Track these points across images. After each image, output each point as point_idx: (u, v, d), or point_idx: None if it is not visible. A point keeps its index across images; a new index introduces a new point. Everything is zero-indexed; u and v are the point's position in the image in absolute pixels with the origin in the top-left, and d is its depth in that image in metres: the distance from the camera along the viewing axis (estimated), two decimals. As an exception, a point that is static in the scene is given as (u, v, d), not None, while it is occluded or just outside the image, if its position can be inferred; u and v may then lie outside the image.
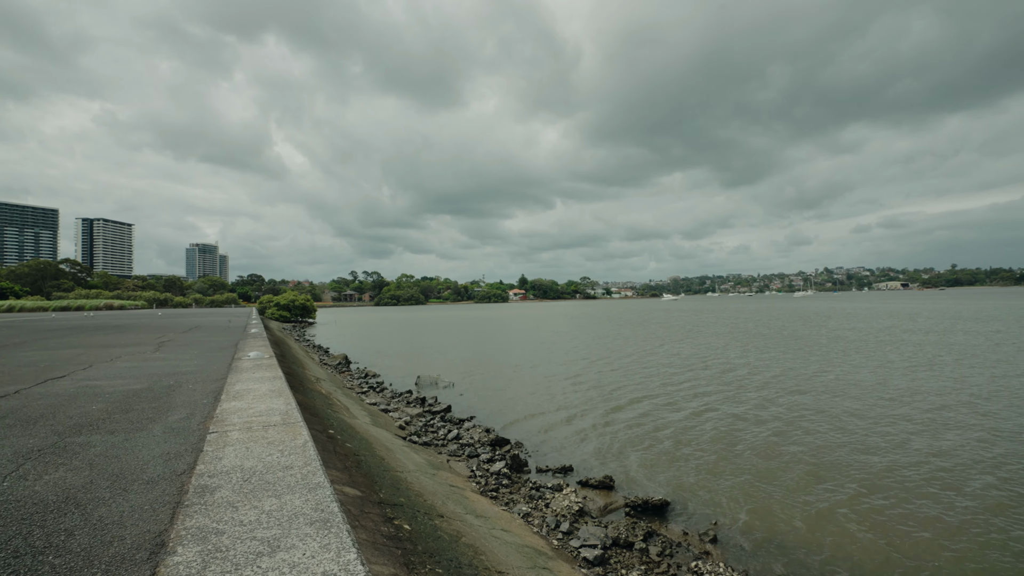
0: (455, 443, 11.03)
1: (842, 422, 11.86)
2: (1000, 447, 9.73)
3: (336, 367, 23.15)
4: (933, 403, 13.30)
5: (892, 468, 8.87)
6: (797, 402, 14.03)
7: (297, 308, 70.54)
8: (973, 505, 7.36)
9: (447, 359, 26.48)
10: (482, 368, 22.82)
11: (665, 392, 16.09)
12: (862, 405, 13.35)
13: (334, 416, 9.64)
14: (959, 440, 10.23)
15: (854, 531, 6.77)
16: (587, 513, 7.53)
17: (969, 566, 5.88)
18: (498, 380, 19.45)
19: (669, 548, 6.47)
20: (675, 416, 13.01)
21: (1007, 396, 13.75)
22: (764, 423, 12.06)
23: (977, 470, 8.66)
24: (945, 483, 8.20)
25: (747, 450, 10.17)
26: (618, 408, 14.10)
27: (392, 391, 17.30)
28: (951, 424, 11.37)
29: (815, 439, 10.68)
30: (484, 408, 14.76)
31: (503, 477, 8.93)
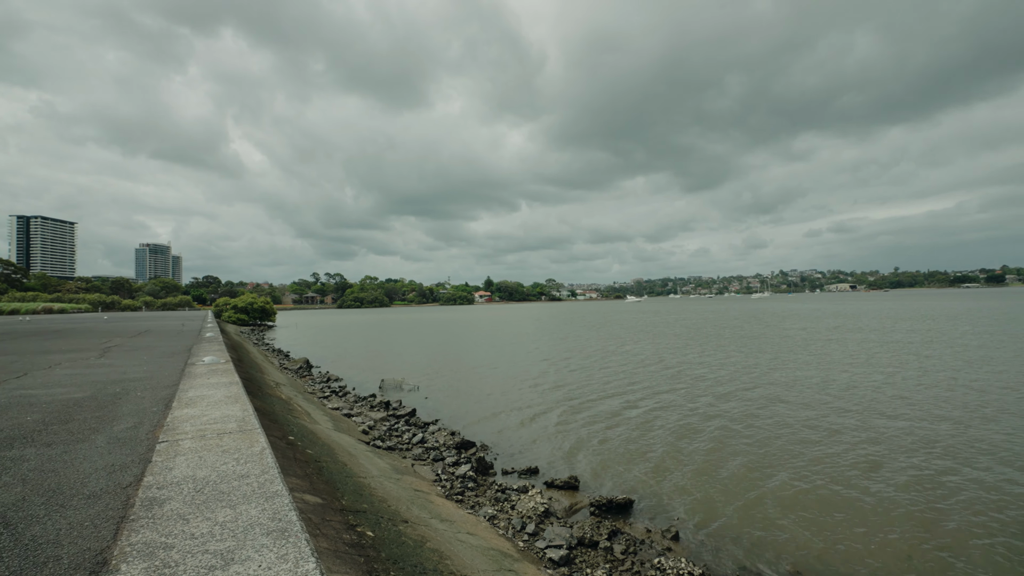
0: (420, 447, 10.89)
1: (793, 418, 12.37)
2: (930, 433, 10.38)
3: (297, 371, 22.48)
4: (872, 396, 14.05)
5: (841, 458, 9.32)
6: (751, 399, 14.55)
7: (256, 311, 68.11)
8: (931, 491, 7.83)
9: (412, 362, 26.15)
10: (447, 370, 22.65)
11: (626, 391, 16.38)
12: (810, 401, 13.96)
13: (294, 422, 9.35)
14: (904, 430, 10.85)
15: (808, 521, 7.07)
16: (553, 514, 7.57)
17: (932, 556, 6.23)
18: (464, 382, 19.34)
19: (633, 546, 6.57)
20: (637, 415, 13.27)
21: (936, 389, 14.68)
22: (721, 420, 12.44)
23: (935, 456, 9.21)
24: (904, 475, 8.67)
25: (706, 447, 10.47)
26: (582, 408, 14.26)
27: (355, 395, 16.93)
28: (891, 415, 12.04)
29: (769, 435, 11.09)
30: (449, 411, 14.64)
31: (469, 480, 8.88)
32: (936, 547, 6.29)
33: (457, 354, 29.52)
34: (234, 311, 66.00)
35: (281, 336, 49.30)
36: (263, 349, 32.50)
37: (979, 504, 7.38)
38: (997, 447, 9.70)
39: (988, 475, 8.41)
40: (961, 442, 10.07)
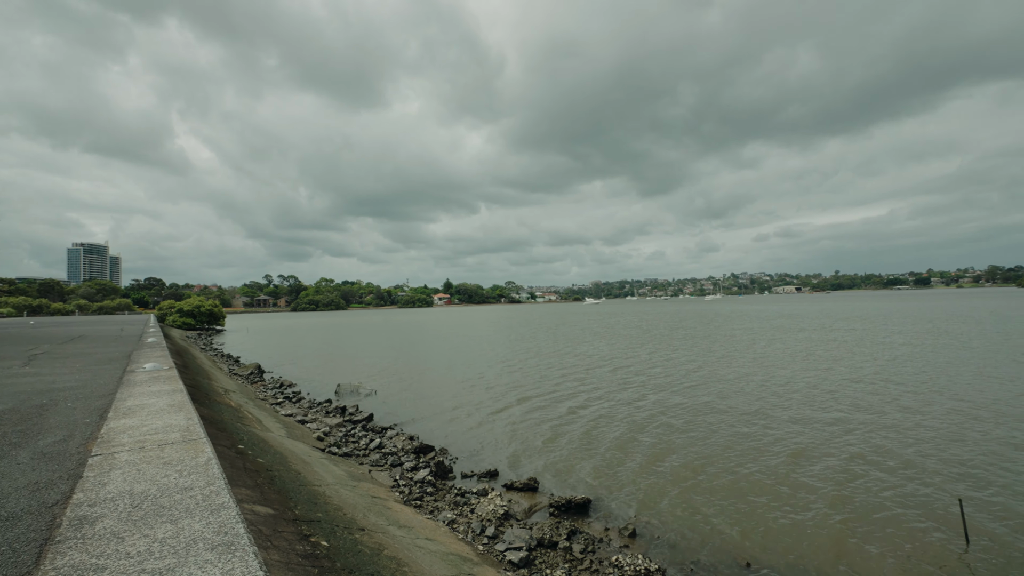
0: (377, 452, 10.66)
1: (739, 414, 12.89)
2: (860, 423, 11.09)
3: (248, 377, 21.56)
4: (808, 392, 14.86)
5: (782, 451, 9.79)
6: (699, 397, 15.06)
7: (203, 315, 64.88)
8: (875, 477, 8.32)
9: (369, 366, 25.59)
10: (406, 374, 22.31)
11: (582, 392, 16.64)
12: (753, 397, 14.60)
13: (245, 430, 8.97)
14: (834, 421, 11.51)
15: (755, 511, 7.37)
16: (512, 516, 7.58)
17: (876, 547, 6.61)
18: (422, 386, 19.10)
19: (592, 545, 6.66)
20: (592, 415, 13.48)
21: (862, 384, 15.69)
22: (673, 418, 12.82)
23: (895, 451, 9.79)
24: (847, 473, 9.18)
25: (659, 444, 10.76)
26: (539, 409, 14.37)
27: (310, 401, 16.40)
28: (824, 409, 12.76)
29: (716, 431, 11.51)
30: (408, 415, 14.42)
31: (427, 485, 8.76)
32: (867, 532, 6.70)
33: (416, 357, 29.13)
34: (180, 315, 62.64)
35: (231, 341, 47.18)
36: (211, 354, 31.01)
37: (900, 486, 7.92)
38: (915, 434, 10.45)
39: (913, 458, 9.05)
40: (891, 430, 10.79)
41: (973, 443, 9.94)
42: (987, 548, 6.19)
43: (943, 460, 9.14)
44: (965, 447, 9.74)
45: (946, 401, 13.39)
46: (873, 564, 5.99)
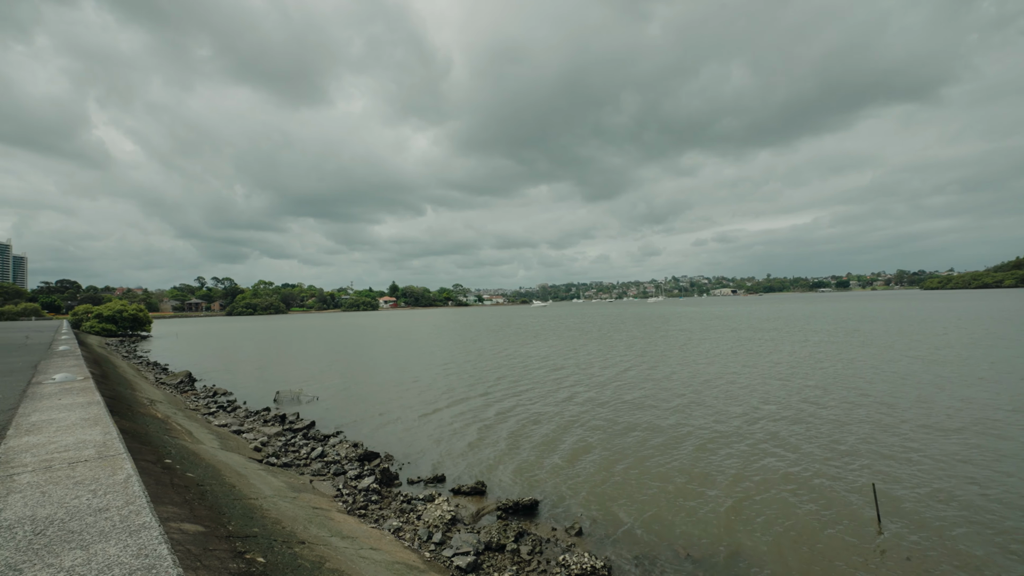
0: (319, 461, 10.27)
1: (673, 409, 13.46)
2: (775, 415, 11.91)
3: (177, 386, 20.15)
4: (735, 387, 15.78)
5: (714, 443, 10.31)
6: (638, 395, 15.61)
7: (126, 320, 59.99)
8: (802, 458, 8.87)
9: (312, 371, 24.61)
10: (350, 379, 21.63)
11: (529, 393, 16.80)
12: (683, 393, 15.31)
13: (173, 443, 8.38)
14: (782, 416, 12.27)
15: (698, 504, 7.71)
16: (460, 521, 7.51)
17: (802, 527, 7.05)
18: (367, 391, 18.59)
19: (539, 545, 6.72)
20: (540, 416, 13.64)
21: (777, 381, 16.86)
22: (614, 416, 13.19)
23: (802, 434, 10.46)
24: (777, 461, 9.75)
25: (602, 442, 11.03)
26: (486, 412, 14.36)
27: (247, 410, 15.55)
28: (752, 403, 13.59)
29: (655, 427, 11.96)
30: (352, 421, 13.98)
31: (372, 493, 8.53)
32: (794, 518, 7.17)
33: (360, 361, 28.32)
34: (98, 320, 57.58)
35: (158, 347, 43.93)
36: (135, 363, 28.75)
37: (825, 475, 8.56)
38: (832, 425, 11.32)
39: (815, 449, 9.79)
40: (811, 422, 11.62)
41: (882, 431, 10.87)
42: (898, 528, 6.78)
43: (858, 448, 9.93)
44: (876, 435, 10.62)
45: (857, 395, 14.56)
46: (804, 548, 6.40)
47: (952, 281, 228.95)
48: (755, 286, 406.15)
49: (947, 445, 9.84)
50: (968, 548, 6.20)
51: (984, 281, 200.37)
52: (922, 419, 11.68)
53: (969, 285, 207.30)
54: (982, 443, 9.85)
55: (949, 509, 7.23)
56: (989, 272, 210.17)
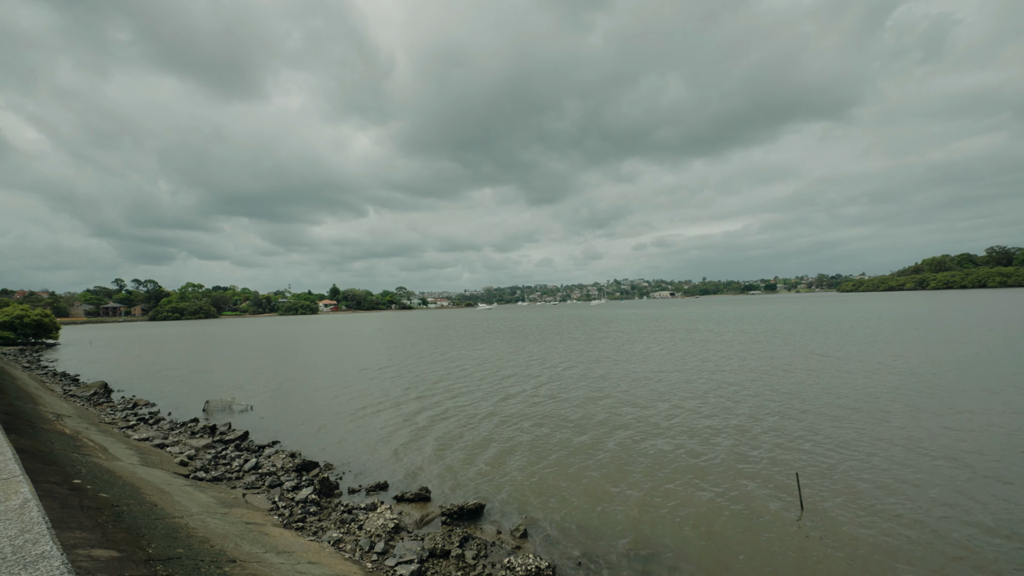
0: (253, 473, 9.75)
1: (609, 408, 13.90)
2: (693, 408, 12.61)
3: (90, 399, 18.47)
4: (668, 386, 16.55)
5: (647, 439, 10.74)
6: (574, 396, 15.99)
7: (27, 326, 54.19)
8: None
9: (245, 379, 23.31)
10: (287, 386, 20.68)
11: (471, 396, 16.80)
12: (618, 391, 15.86)
13: (83, 461, 7.69)
14: (710, 411, 12.92)
15: (636, 499, 7.97)
16: (404, 528, 7.37)
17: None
18: (305, 398, 17.85)
19: (484, 549, 6.71)
20: (482, 419, 13.65)
21: (699, 380, 17.89)
22: (554, 417, 13.44)
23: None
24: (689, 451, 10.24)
25: (543, 443, 11.19)
26: (428, 417, 14.20)
27: (172, 422, 14.50)
28: (696, 398, 14.29)
29: (592, 426, 12.30)
30: (289, 431, 13.38)
31: (311, 504, 8.20)
32: (724, 508, 7.59)
33: (298, 368, 27.16)
34: (-6, 326, 51.65)
35: (68, 356, 40.04)
36: (38, 374, 26.10)
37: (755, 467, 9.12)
38: (765, 419, 12.12)
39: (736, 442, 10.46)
40: (745, 416, 12.36)
41: (803, 424, 11.72)
42: (818, 513, 7.33)
43: (784, 440, 10.65)
44: (798, 428, 11.44)
45: (774, 392, 15.63)
46: (738, 536, 6.78)
47: (863, 284, 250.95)
48: (692, 289, 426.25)
49: (852, 433, 10.75)
50: (880, 522, 6.81)
51: (889, 284, 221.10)
52: (845, 414, 12.70)
53: (877, 288, 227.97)
54: (873, 429, 10.85)
55: (863, 493, 7.90)
56: (894, 276, 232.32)
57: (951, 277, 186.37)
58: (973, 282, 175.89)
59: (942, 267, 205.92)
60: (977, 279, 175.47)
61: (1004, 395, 13.47)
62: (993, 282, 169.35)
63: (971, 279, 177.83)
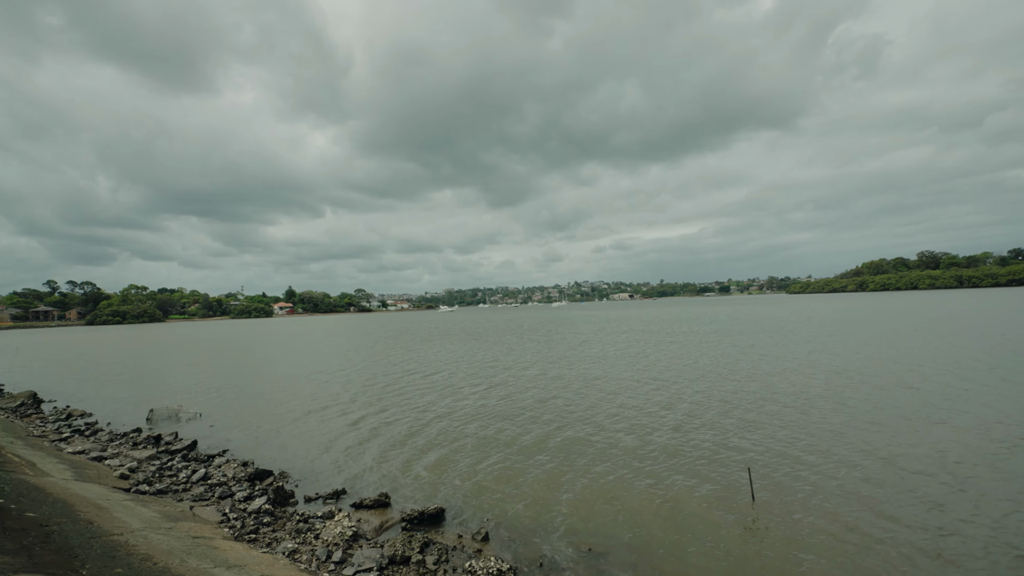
0: (202, 484, 9.31)
1: (566, 410, 14.09)
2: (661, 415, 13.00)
3: (16, 410, 17.14)
4: (617, 386, 16.94)
5: (604, 439, 10.94)
6: (531, 397, 16.11)
7: (-54, 331, 49.78)
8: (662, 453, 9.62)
9: (194, 385, 22.20)
10: (239, 392, 19.83)
11: (431, 399, 16.64)
12: (574, 392, 16.12)
13: (6, 478, 7.13)
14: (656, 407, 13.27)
15: (594, 499, 8.08)
16: (362, 536, 7.20)
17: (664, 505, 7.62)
18: (258, 404, 17.17)
19: (445, 554, 6.63)
20: (442, 422, 13.54)
21: (655, 381, 18.46)
22: (518, 418, 13.49)
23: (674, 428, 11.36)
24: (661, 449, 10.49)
25: (501, 444, 11.20)
26: (386, 421, 13.95)
27: (111, 432, 13.65)
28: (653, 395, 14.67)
29: (549, 427, 12.42)
30: (241, 438, 12.84)
31: (264, 514, 7.90)
32: (679, 505, 7.81)
33: (251, 373, 26.11)
34: (-94, 332, 47.15)
35: (-8, 363, 37.02)
36: (-41, 382, 24.00)
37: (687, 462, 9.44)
38: (716, 416, 12.56)
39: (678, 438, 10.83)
40: (698, 413, 12.77)
41: (757, 420, 12.22)
42: (769, 504, 7.65)
43: (737, 436, 11.06)
44: (751, 424, 11.91)
45: (730, 393, 16.25)
46: (690, 529, 6.97)
47: (810, 286, 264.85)
48: (650, 291, 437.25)
49: (801, 431, 11.29)
50: (823, 505, 7.17)
51: (833, 286, 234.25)
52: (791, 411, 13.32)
53: (823, 290, 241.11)
54: (820, 425, 11.46)
55: (811, 484, 8.30)
56: (837, 279, 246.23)
57: (887, 280, 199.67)
58: (906, 284, 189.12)
59: (880, 270, 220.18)
60: (910, 281, 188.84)
61: (932, 388, 14.49)
62: (923, 284, 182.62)
63: (904, 281, 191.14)
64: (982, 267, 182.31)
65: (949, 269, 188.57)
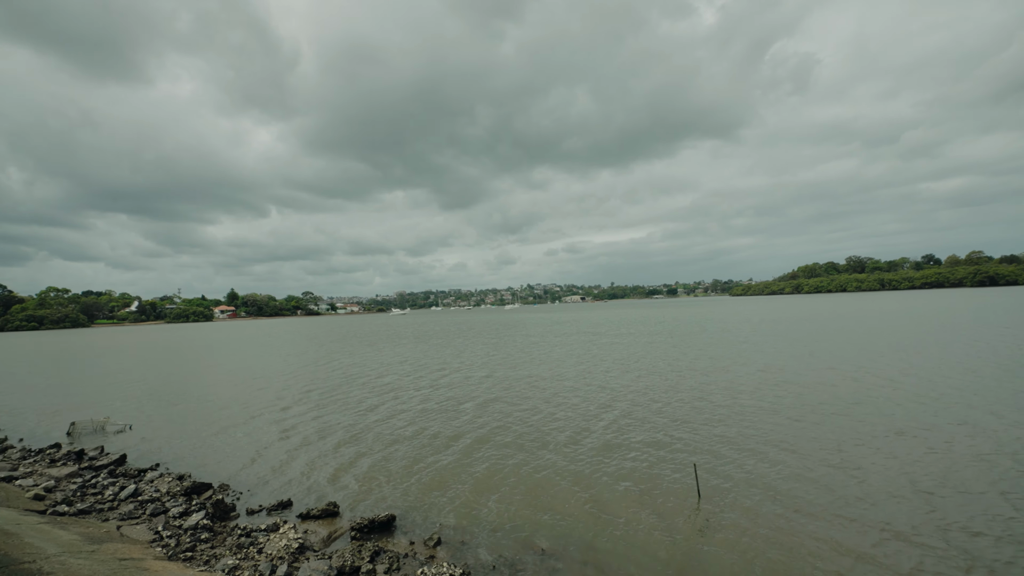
0: (132, 502, 8.66)
1: (514, 412, 14.18)
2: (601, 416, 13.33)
3: (-89, 426, 15.34)
4: (565, 387, 17.26)
5: (552, 441, 11.08)
6: (480, 400, 16.11)
7: None
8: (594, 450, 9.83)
9: (122, 395, 20.64)
10: (174, 402, 18.61)
11: (378, 402, 16.32)
12: (524, 395, 16.27)
13: None
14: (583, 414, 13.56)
15: (545, 500, 8.12)
16: (309, 548, 6.91)
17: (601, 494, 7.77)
18: (195, 414, 16.19)
19: (397, 562, 6.47)
20: (391, 425, 13.28)
21: (597, 384, 18.98)
22: (465, 419, 13.41)
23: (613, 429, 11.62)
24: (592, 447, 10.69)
25: (453, 447, 11.11)
26: (335, 427, 13.51)
27: (24, 449, 12.47)
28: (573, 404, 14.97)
29: (498, 429, 12.44)
30: (177, 450, 12.06)
31: (203, 530, 7.43)
32: (628, 501, 8.00)
33: (187, 380, 24.59)
34: None
35: None
36: None
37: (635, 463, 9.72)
38: (657, 414, 12.97)
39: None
40: (639, 412, 13.14)
41: (699, 418, 12.70)
42: (714, 499, 7.95)
43: (684, 433, 11.45)
44: (693, 423, 12.37)
45: (677, 386, 16.85)
46: (639, 526, 7.13)
47: (751, 289, 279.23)
48: (601, 293, 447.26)
49: (742, 426, 11.84)
50: (762, 504, 7.53)
51: (772, 289, 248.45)
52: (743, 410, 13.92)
53: (762, 292, 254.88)
54: (760, 421, 12.08)
55: (755, 479, 8.70)
56: (775, 281, 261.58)
57: (820, 283, 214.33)
58: (836, 287, 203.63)
59: (813, 273, 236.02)
60: (839, 284, 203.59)
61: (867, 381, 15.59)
62: (851, 287, 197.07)
63: (835, 284, 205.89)
64: (900, 271, 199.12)
65: (873, 273, 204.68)
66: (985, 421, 11.22)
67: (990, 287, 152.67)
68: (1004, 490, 7.73)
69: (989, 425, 10.91)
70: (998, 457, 9.06)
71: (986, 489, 7.81)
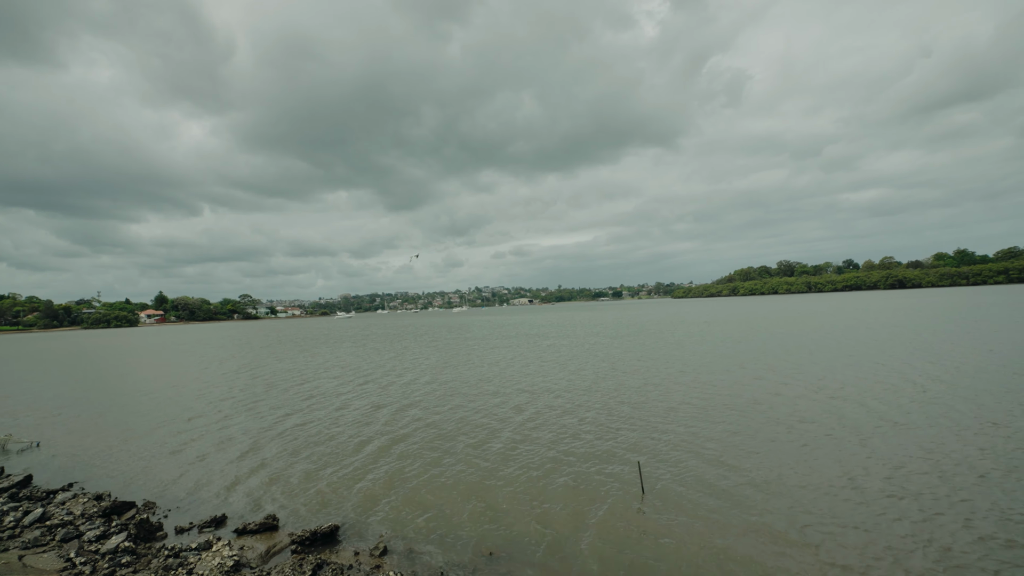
0: (39, 527, 7.86)
1: (462, 415, 14.12)
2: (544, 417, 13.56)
3: None
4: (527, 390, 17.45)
5: (496, 446, 11.11)
6: (425, 404, 15.93)
7: None
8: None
9: (28, 410, 18.71)
10: (89, 415, 17.03)
11: (312, 410, 15.82)
12: (467, 398, 16.26)
13: None
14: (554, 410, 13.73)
15: (490, 504, 8.09)
16: (246, 565, 6.53)
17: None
18: (115, 427, 14.92)
19: (341, 574, 6.22)
20: (326, 432, 12.87)
21: (558, 378, 19.34)
22: (406, 425, 13.20)
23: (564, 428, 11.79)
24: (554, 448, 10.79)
25: (398, 455, 10.87)
26: (269, 436, 12.93)
27: (-91, 473, 11.04)
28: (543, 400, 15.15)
29: (447, 432, 12.35)
30: (95, 468, 11.08)
31: (124, 554, 6.86)
32: (574, 501, 8.11)
33: (104, 391, 22.64)
34: None
35: None
36: None
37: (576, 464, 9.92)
38: (602, 414, 13.28)
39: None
40: (580, 414, 13.40)
41: (639, 418, 13.09)
42: (659, 494, 8.19)
43: (626, 431, 11.75)
44: (637, 421, 12.74)
45: (616, 399, 17.33)
46: (584, 525, 7.23)
47: (692, 291, 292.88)
48: (548, 296, 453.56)
49: (681, 425, 12.32)
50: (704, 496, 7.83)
51: (711, 291, 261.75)
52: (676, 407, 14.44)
53: (702, 295, 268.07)
54: (699, 419, 12.64)
55: (695, 474, 9.03)
56: (714, 284, 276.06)
57: (754, 285, 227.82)
58: (769, 289, 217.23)
59: (748, 277, 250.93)
60: (772, 287, 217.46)
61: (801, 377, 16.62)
62: (782, 289, 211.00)
63: (767, 287, 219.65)
64: (825, 275, 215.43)
65: (801, 276, 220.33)
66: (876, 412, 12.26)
67: (899, 289, 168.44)
68: (887, 475, 8.47)
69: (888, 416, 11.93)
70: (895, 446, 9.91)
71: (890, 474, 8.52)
